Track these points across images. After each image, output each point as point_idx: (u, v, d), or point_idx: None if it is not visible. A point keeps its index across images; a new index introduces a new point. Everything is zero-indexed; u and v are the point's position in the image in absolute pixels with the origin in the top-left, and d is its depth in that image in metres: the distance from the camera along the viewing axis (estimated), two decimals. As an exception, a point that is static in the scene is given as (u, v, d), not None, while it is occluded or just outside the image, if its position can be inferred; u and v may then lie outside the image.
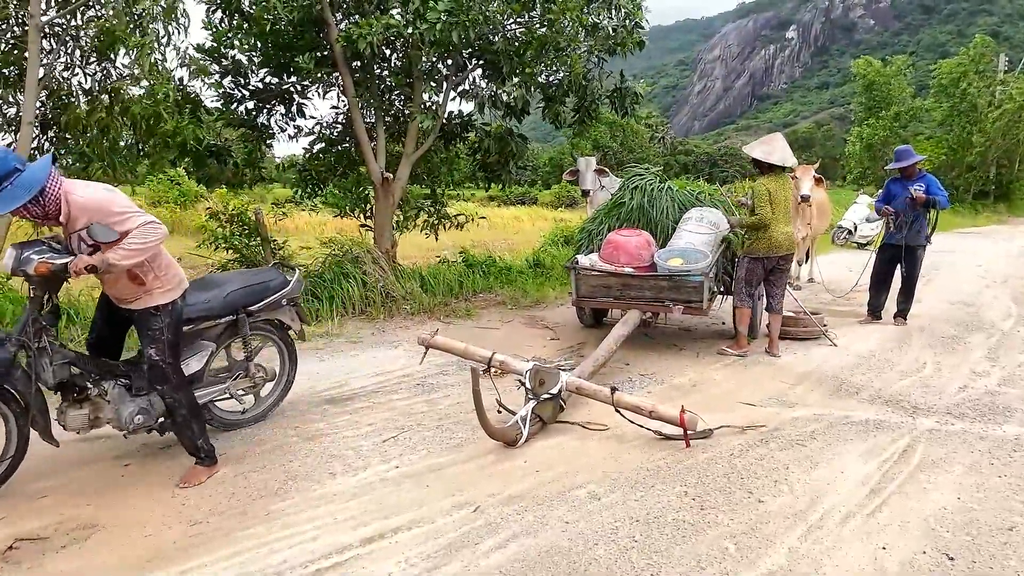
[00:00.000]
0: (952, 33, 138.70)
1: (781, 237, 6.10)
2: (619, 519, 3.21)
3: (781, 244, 6.11)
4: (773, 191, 6.08)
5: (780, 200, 6.12)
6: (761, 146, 6.27)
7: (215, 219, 8.29)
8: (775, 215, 6.08)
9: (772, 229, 6.08)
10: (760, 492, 3.52)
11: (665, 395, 5.20)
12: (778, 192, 6.12)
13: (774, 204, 6.07)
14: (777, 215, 6.09)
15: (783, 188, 6.20)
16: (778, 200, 6.10)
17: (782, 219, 6.14)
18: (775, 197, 6.08)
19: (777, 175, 6.22)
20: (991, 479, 3.70)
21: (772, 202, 6.06)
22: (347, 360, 5.95)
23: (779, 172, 6.25)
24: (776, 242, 6.10)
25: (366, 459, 3.88)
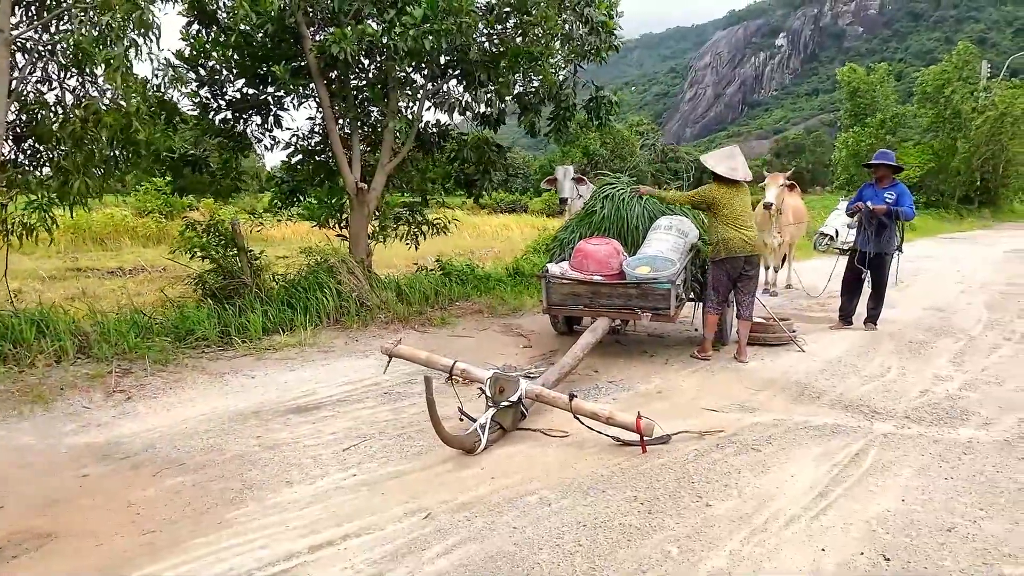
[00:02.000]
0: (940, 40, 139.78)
1: (735, 240, 6.21)
2: (566, 524, 3.27)
3: (736, 245, 6.21)
4: (721, 196, 6.26)
5: (733, 206, 6.26)
6: (726, 161, 6.38)
7: (192, 228, 8.31)
8: (728, 219, 6.23)
9: (724, 231, 6.24)
10: (709, 496, 3.58)
11: (631, 402, 5.26)
12: (730, 199, 6.27)
13: (723, 209, 6.23)
14: (732, 220, 6.23)
15: (737, 196, 6.32)
16: (730, 205, 6.25)
17: (735, 223, 6.25)
18: (724, 203, 6.24)
19: (731, 187, 6.35)
20: (938, 482, 3.77)
21: (718, 207, 6.24)
22: (317, 369, 5.99)
23: (736, 184, 6.38)
24: (732, 244, 6.21)
25: (324, 467, 3.93)
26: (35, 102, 6.51)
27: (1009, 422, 4.80)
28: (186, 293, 8.33)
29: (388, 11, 7.15)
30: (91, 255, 18.48)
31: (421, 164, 8.83)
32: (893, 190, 7.46)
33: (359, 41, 6.96)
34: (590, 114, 9.17)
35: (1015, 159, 32.75)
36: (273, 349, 6.59)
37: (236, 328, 6.93)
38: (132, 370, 5.62)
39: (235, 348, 6.51)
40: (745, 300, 6.47)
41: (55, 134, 6.33)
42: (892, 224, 7.43)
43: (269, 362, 6.20)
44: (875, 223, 7.42)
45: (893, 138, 34.77)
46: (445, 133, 9.12)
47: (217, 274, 8.08)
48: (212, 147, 8.61)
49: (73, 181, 6.19)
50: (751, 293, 6.51)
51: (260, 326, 7.00)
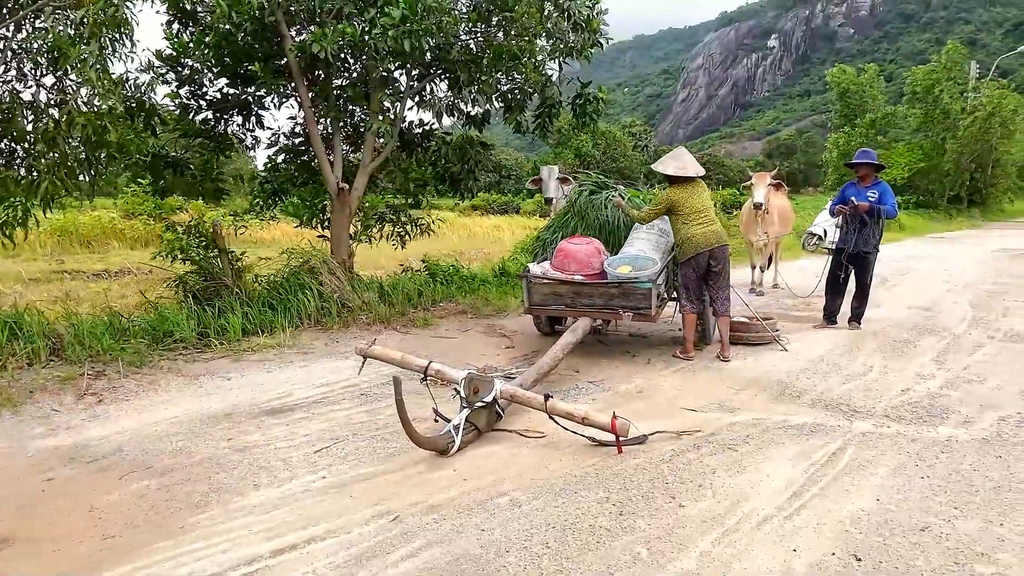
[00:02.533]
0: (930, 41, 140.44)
1: (699, 235, 6.19)
2: (535, 526, 3.22)
3: (701, 240, 6.19)
4: (677, 199, 6.23)
5: (692, 205, 6.24)
6: (673, 162, 6.38)
7: (172, 230, 8.23)
8: (688, 218, 6.21)
9: (687, 229, 6.21)
10: (682, 497, 3.54)
11: (611, 402, 5.22)
12: (689, 199, 6.25)
13: (682, 210, 6.21)
14: (692, 218, 6.22)
15: (695, 195, 6.30)
16: (690, 206, 6.23)
17: (698, 221, 6.23)
18: (682, 204, 6.22)
19: (684, 185, 6.33)
20: (914, 480, 3.74)
21: (678, 209, 6.22)
22: (295, 371, 5.93)
23: (691, 182, 6.37)
24: (696, 240, 6.19)
25: (294, 470, 3.87)
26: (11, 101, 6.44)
27: (988, 420, 4.77)
28: (168, 295, 8.25)
29: (369, 10, 7.10)
30: (78, 258, 18.38)
31: (404, 164, 8.76)
32: (875, 188, 7.45)
33: (339, 41, 6.90)
34: (576, 112, 9.12)
35: (1004, 159, 32.87)
36: (252, 351, 6.53)
37: (215, 330, 6.86)
38: (105, 372, 5.55)
39: (213, 350, 6.44)
40: (719, 295, 6.42)
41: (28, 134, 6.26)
42: (874, 223, 7.41)
43: (246, 364, 6.13)
44: (857, 221, 7.40)
45: (884, 138, 34.91)
46: (429, 133, 9.07)
47: (198, 275, 8.00)
48: (193, 148, 8.52)
49: (42, 181, 6.10)
50: (723, 288, 6.44)
51: (239, 327, 6.93)
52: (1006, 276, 12.22)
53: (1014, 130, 32.16)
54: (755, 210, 9.70)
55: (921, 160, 31.80)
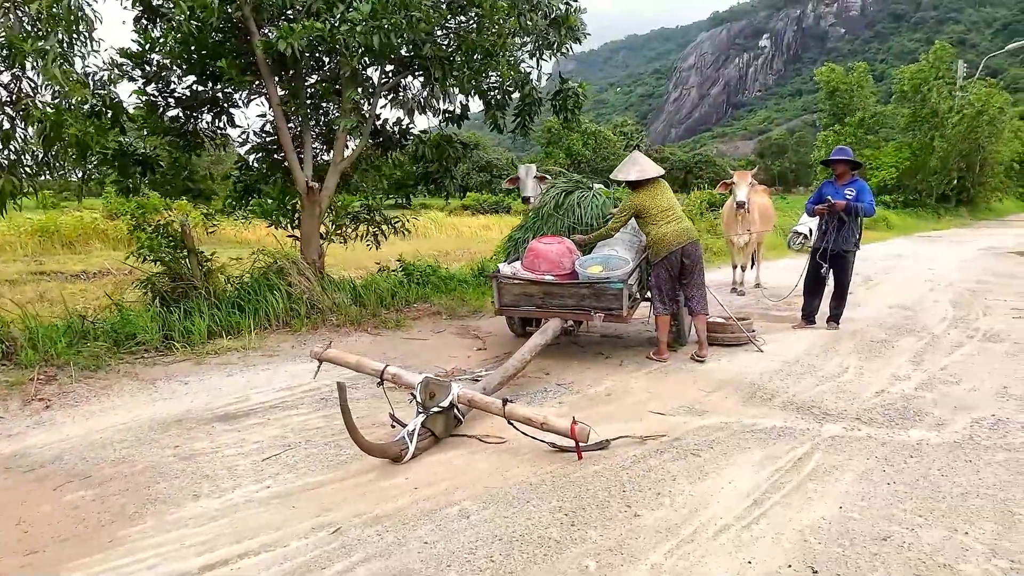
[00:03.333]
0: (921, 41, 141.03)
1: (670, 234, 6.08)
2: (482, 538, 3.08)
3: (672, 239, 6.08)
4: (642, 202, 6.13)
5: (659, 205, 6.14)
6: (632, 167, 6.26)
7: (141, 230, 8.06)
8: (656, 218, 6.11)
9: (656, 230, 6.10)
10: (639, 505, 3.41)
11: (578, 405, 5.09)
12: (654, 200, 6.15)
13: (649, 212, 6.11)
14: (659, 217, 6.11)
15: (658, 195, 6.19)
16: (656, 206, 6.13)
17: (666, 219, 6.12)
18: (648, 206, 6.12)
19: (647, 187, 6.22)
20: (879, 487, 3.62)
21: (645, 212, 6.12)
22: (256, 374, 5.78)
23: (649, 183, 6.24)
24: (667, 239, 6.08)
25: (239, 479, 3.72)
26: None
27: (962, 423, 4.66)
28: (137, 297, 8.09)
29: (338, 6, 6.95)
30: (58, 258, 18.14)
31: (378, 162, 8.61)
32: (853, 186, 7.34)
33: (307, 37, 6.75)
34: (556, 108, 9.00)
35: (992, 158, 32.93)
36: (215, 353, 6.38)
37: (179, 332, 6.70)
38: (57, 377, 5.39)
39: (175, 353, 6.29)
40: (694, 294, 6.30)
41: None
42: (853, 221, 7.30)
43: (208, 367, 5.98)
44: (836, 220, 7.30)
45: (875, 137, 34.94)
46: (406, 131, 8.92)
47: (167, 276, 7.84)
48: (162, 146, 8.34)
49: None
50: (698, 286, 6.32)
51: (205, 330, 6.78)
52: (990, 275, 12.15)
53: (1002, 129, 32.26)
54: (737, 209, 9.60)
55: (909, 159, 31.85)
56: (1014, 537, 3.10)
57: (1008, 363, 6.21)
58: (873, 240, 20.75)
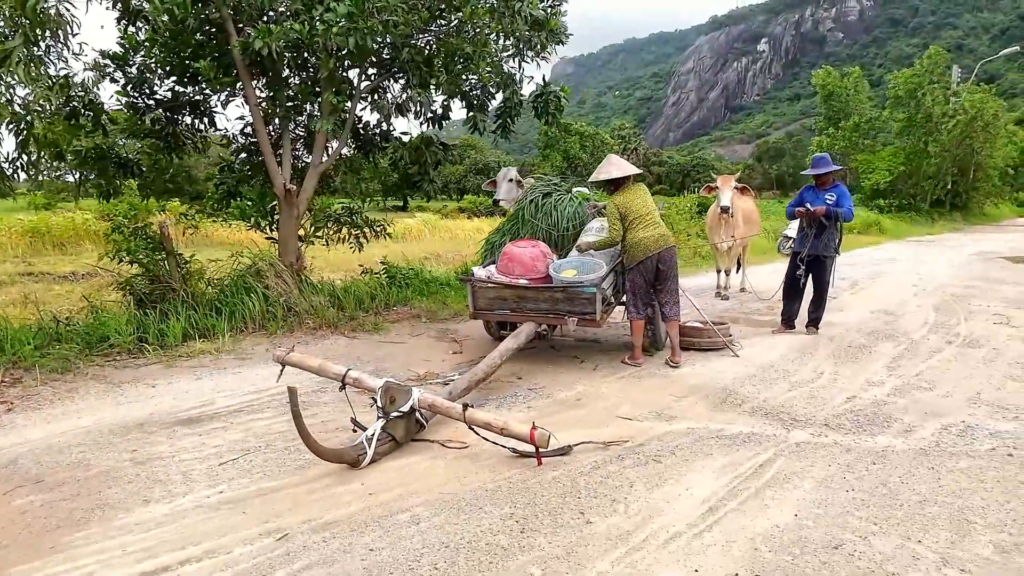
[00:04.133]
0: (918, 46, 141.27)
1: (648, 238, 6.03)
2: (429, 545, 3.05)
3: (651, 244, 6.03)
4: (623, 204, 6.07)
5: (638, 209, 6.08)
6: (607, 167, 6.23)
7: (119, 232, 8.03)
8: (634, 223, 6.05)
9: (635, 235, 6.05)
10: (592, 512, 3.38)
11: (547, 409, 5.07)
12: (631, 202, 6.09)
13: (629, 215, 6.05)
14: (636, 222, 6.06)
15: (636, 197, 6.15)
16: (635, 210, 6.08)
17: (644, 224, 6.07)
18: (629, 208, 6.06)
19: (627, 189, 6.18)
20: (838, 494, 3.59)
21: (625, 215, 6.05)
22: (226, 378, 5.74)
23: (628, 185, 6.21)
24: (645, 244, 6.03)
25: (192, 484, 3.69)
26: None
27: (930, 429, 4.64)
28: (117, 298, 8.05)
29: (316, 7, 6.92)
30: (49, 259, 18.11)
31: (356, 165, 8.58)
32: (833, 191, 7.32)
33: (285, 38, 6.73)
34: (537, 111, 8.97)
35: (986, 163, 32.94)
36: (187, 356, 6.34)
37: (154, 334, 6.67)
38: (23, 379, 5.35)
39: (147, 356, 6.25)
40: (668, 300, 6.26)
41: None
42: (832, 226, 7.28)
43: (178, 370, 5.95)
44: (815, 225, 7.28)
45: (872, 141, 34.96)
46: (387, 133, 8.89)
47: (146, 278, 7.81)
48: (143, 148, 8.32)
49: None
50: (672, 292, 6.28)
51: (179, 332, 6.75)
52: (977, 280, 12.13)
53: (995, 134, 32.27)
54: (722, 214, 9.57)
55: (903, 164, 31.87)
56: (967, 545, 3.07)
57: (984, 369, 6.19)
58: (865, 245, 20.77)
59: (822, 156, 7.54)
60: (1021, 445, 4.33)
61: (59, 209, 26.82)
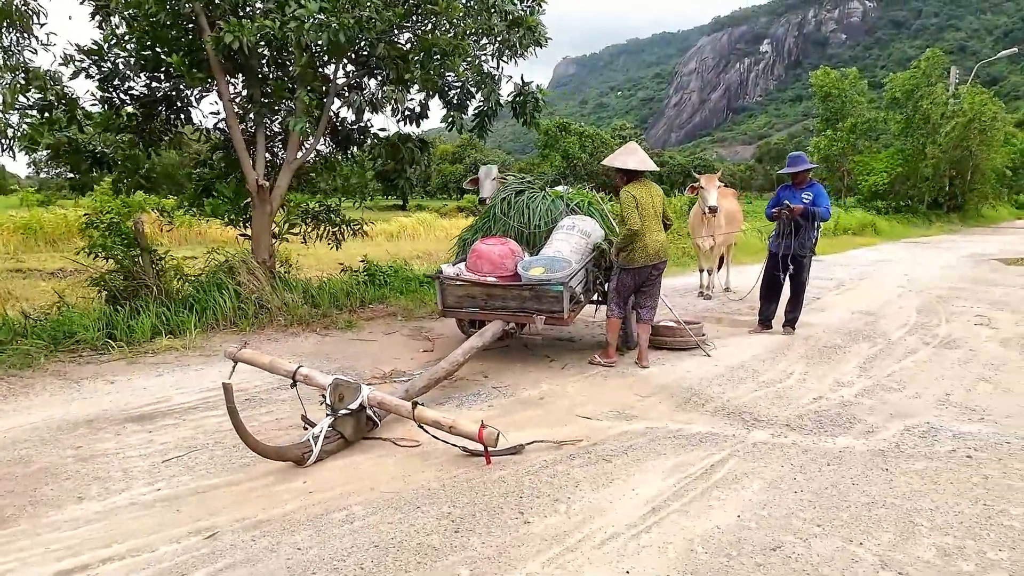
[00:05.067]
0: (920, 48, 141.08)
1: (654, 245, 5.96)
2: (358, 545, 2.99)
3: (653, 252, 5.97)
4: (639, 197, 5.94)
5: (648, 210, 5.97)
6: (631, 157, 6.07)
7: (94, 227, 7.99)
8: (646, 222, 5.93)
9: (645, 237, 5.93)
10: (532, 512, 3.32)
11: (509, 408, 5.01)
12: (644, 198, 5.98)
13: (642, 210, 5.92)
14: (648, 222, 5.95)
15: (649, 194, 6.05)
16: (646, 206, 5.96)
17: (652, 226, 6.00)
18: (642, 203, 5.93)
19: (641, 182, 6.09)
20: (785, 495, 3.53)
21: (640, 208, 5.90)
22: (187, 374, 5.69)
23: (642, 179, 6.12)
24: (651, 250, 5.95)
25: (131, 481, 3.63)
26: None
27: (893, 430, 4.58)
28: (94, 294, 8.01)
29: (289, 3, 6.87)
30: (40, 256, 18.11)
31: (332, 161, 8.53)
32: (810, 190, 7.26)
33: (257, 34, 6.68)
34: (516, 112, 8.91)
35: (984, 165, 32.80)
36: (153, 353, 6.29)
37: (122, 331, 6.63)
38: (-21, 376, 5.31)
39: (111, 352, 6.20)
40: (648, 304, 6.22)
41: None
42: (809, 225, 7.22)
43: (141, 366, 5.90)
44: (792, 225, 7.22)
45: (875, 143, 34.82)
46: (365, 130, 8.84)
47: (121, 275, 7.77)
48: (119, 143, 8.27)
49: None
50: (655, 296, 6.26)
51: (148, 329, 6.70)
52: (965, 281, 12.06)
53: (994, 136, 32.13)
54: (709, 214, 9.47)
55: (901, 165, 31.75)
56: (908, 548, 3.01)
57: (957, 370, 6.13)
58: (859, 246, 20.70)
59: (798, 155, 7.48)
60: (982, 447, 4.27)
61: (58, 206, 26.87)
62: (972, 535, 3.14)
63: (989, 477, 3.81)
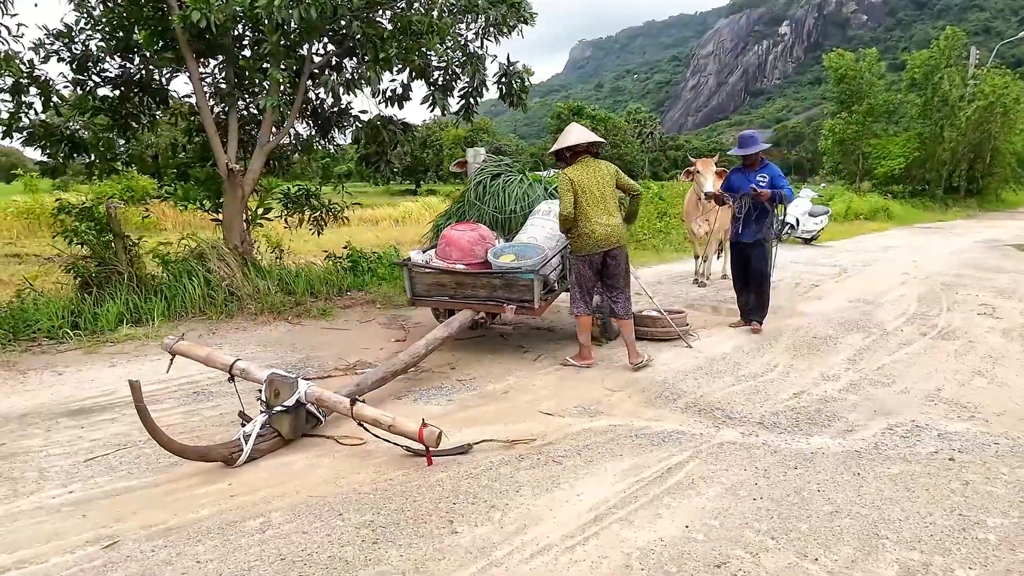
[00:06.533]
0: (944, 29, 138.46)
1: (600, 230, 5.30)
2: (264, 557, 2.76)
3: (601, 238, 5.32)
4: (577, 179, 5.29)
5: (592, 188, 5.30)
6: (561, 139, 5.53)
7: (67, 212, 7.82)
8: (586, 205, 5.29)
9: (587, 222, 5.31)
10: (463, 521, 3.07)
11: (468, 403, 4.77)
12: (584, 179, 5.31)
13: (584, 194, 5.30)
14: (589, 205, 5.30)
15: (593, 174, 5.36)
16: (589, 188, 5.30)
17: (599, 209, 5.33)
18: (582, 185, 5.30)
19: (584, 162, 5.42)
20: (743, 503, 3.26)
21: (578, 191, 5.28)
22: (142, 365, 5.48)
23: (585, 159, 5.45)
24: (596, 236, 5.30)
25: (44, 483, 3.43)
26: None
27: (874, 429, 4.29)
28: (67, 280, 7.84)
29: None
30: (41, 241, 18.05)
31: (308, 144, 8.28)
32: (765, 172, 6.66)
33: (225, 12, 6.43)
34: (502, 92, 8.62)
35: (1003, 148, 31.98)
36: (114, 342, 6.10)
37: (87, 319, 6.45)
38: (-78, 366, 5.14)
39: (69, 341, 6.02)
40: (616, 297, 5.58)
41: None
42: (773, 208, 6.67)
43: (97, 357, 5.71)
44: (755, 209, 6.66)
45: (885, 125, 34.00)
46: (344, 112, 8.57)
47: (94, 261, 7.60)
48: (93, 126, 8.08)
49: None
50: (621, 288, 5.57)
51: (113, 317, 6.52)
52: (972, 268, 11.63)
53: (1015, 119, 31.27)
54: (706, 199, 9.07)
55: (917, 149, 31.01)
56: (867, 564, 2.74)
57: (952, 363, 5.80)
58: (869, 231, 20.20)
59: (750, 134, 6.96)
60: (967, 448, 3.98)
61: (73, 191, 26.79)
62: (941, 550, 2.86)
63: (969, 483, 3.51)
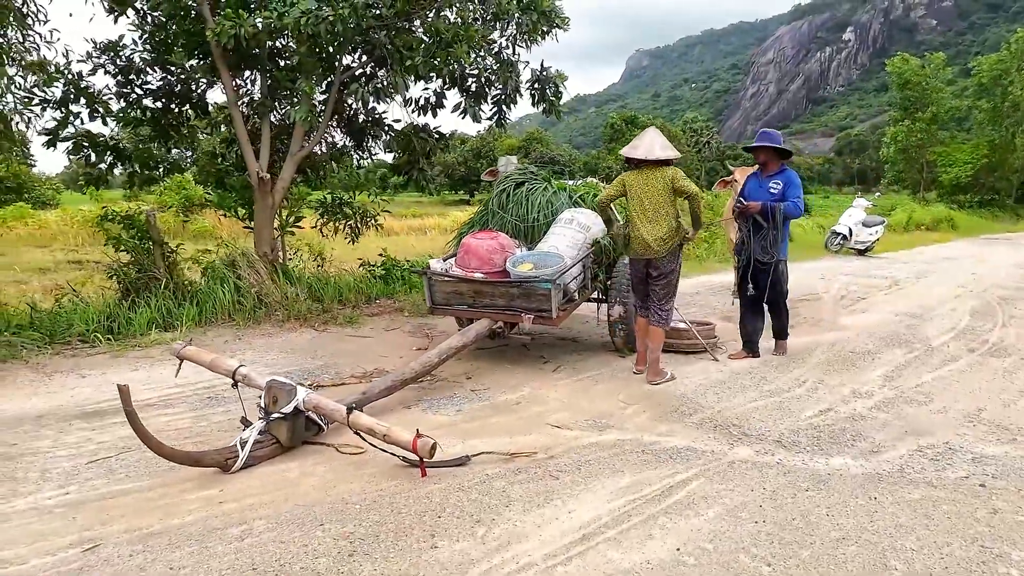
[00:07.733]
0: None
1: (640, 238, 5.39)
2: (237, 566, 2.73)
3: (639, 246, 5.41)
4: (630, 183, 5.43)
5: (641, 196, 5.37)
6: (635, 143, 5.46)
7: (110, 220, 8.08)
8: (635, 211, 5.39)
9: (634, 227, 5.43)
10: (444, 535, 2.98)
11: (477, 413, 4.69)
12: (636, 185, 5.38)
13: (631, 198, 5.42)
14: (637, 212, 5.38)
15: (647, 183, 5.37)
16: (638, 195, 5.37)
17: (645, 217, 5.36)
18: (633, 189, 5.41)
19: (643, 171, 5.43)
20: (743, 526, 3.08)
21: (628, 193, 5.44)
22: (163, 370, 5.55)
23: (650, 167, 5.40)
24: (639, 243, 5.40)
25: (44, 483, 3.48)
26: None
27: (902, 450, 4.04)
28: (110, 286, 8.11)
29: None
30: (104, 249, 18.77)
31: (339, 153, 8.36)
32: (780, 178, 6.07)
33: (256, 25, 6.55)
34: (535, 99, 8.56)
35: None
36: (142, 347, 6.24)
37: (122, 324, 6.63)
38: (-44, 368, 5.33)
39: (99, 345, 6.19)
40: (652, 305, 5.52)
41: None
42: (772, 224, 5.89)
43: (123, 360, 5.84)
44: (750, 222, 6.02)
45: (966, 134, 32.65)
46: (379, 121, 8.63)
47: (133, 267, 7.83)
48: (132, 136, 8.34)
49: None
50: (660, 298, 5.47)
51: (144, 322, 6.68)
52: (1037, 281, 11.00)
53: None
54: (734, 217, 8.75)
55: (986, 156, 29.68)
56: (867, 599, 2.54)
57: (999, 381, 5.46)
58: (931, 242, 19.40)
59: (767, 131, 6.30)
60: (1002, 474, 3.70)
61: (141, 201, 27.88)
62: (955, 585, 2.65)
63: (998, 512, 3.25)
